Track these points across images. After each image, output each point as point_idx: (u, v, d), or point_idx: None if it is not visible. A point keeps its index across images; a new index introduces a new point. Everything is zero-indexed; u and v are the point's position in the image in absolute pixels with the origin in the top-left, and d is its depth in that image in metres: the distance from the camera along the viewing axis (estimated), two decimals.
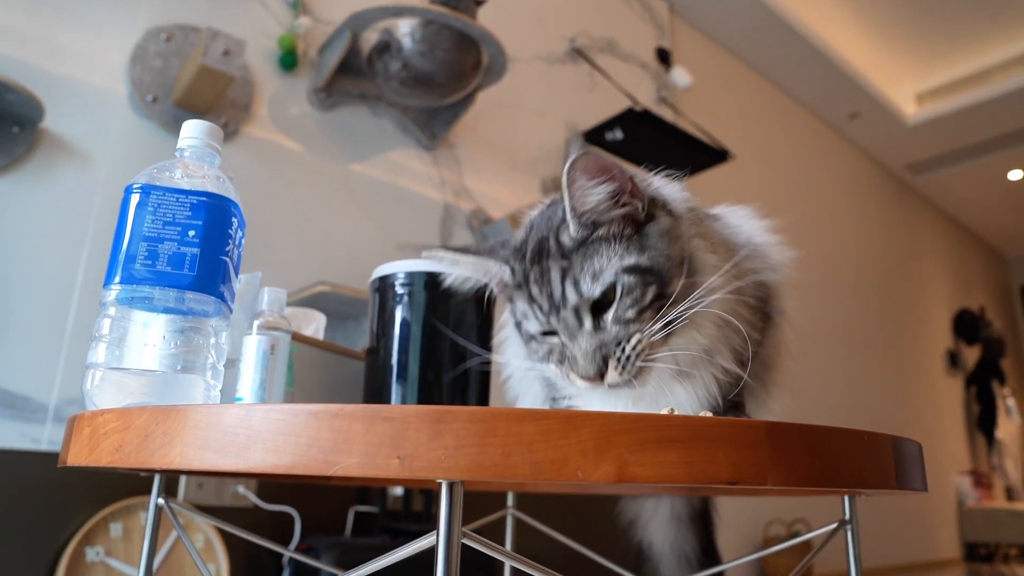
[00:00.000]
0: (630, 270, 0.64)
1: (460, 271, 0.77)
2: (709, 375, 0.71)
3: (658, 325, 0.64)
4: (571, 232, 0.67)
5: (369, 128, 2.40)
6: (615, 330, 0.64)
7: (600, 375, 0.64)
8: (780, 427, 0.51)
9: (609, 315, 0.64)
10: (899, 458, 0.61)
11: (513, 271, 0.72)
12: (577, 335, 0.65)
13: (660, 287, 0.64)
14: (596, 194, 0.66)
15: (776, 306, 0.81)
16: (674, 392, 0.71)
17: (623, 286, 0.64)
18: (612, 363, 0.64)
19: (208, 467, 0.50)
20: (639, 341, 0.64)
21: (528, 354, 0.73)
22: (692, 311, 0.64)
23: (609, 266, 0.64)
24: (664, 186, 0.75)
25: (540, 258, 0.69)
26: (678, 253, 0.66)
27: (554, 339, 0.68)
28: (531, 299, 0.68)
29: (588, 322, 0.65)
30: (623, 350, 0.64)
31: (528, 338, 0.71)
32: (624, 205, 0.67)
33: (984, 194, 5.93)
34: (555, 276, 0.66)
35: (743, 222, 0.84)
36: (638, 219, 0.68)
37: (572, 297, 0.65)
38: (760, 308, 0.78)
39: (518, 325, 0.72)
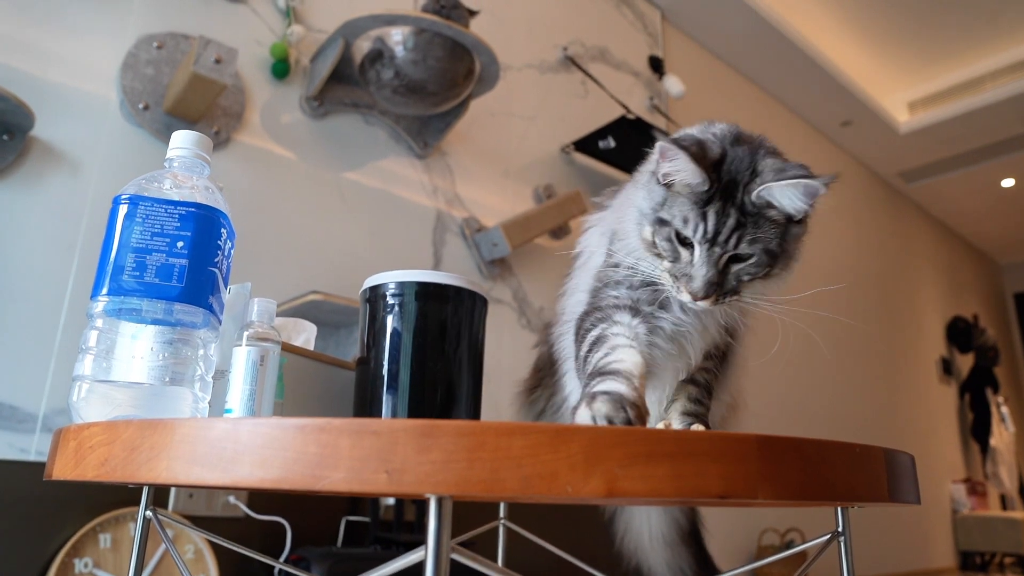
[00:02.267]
0: (768, 252, 0.81)
1: (676, 166, 0.82)
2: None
3: (748, 295, 0.84)
4: (757, 199, 0.80)
5: (361, 136, 2.40)
6: (731, 282, 0.81)
7: (702, 298, 0.80)
8: (771, 440, 0.51)
9: (735, 269, 0.81)
10: (891, 471, 0.60)
11: (703, 188, 0.81)
12: (709, 266, 0.80)
13: (771, 269, 0.82)
14: (796, 203, 0.81)
15: None
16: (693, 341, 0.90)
17: (757, 259, 0.81)
18: (712, 298, 0.80)
19: (195, 482, 0.50)
20: (734, 296, 0.82)
21: (649, 239, 0.84)
22: (761, 307, 0.87)
23: (761, 241, 0.80)
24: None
25: (728, 198, 0.80)
26: (794, 251, 0.85)
27: (686, 251, 0.81)
28: (703, 217, 0.80)
29: (723, 264, 0.80)
30: (725, 294, 0.81)
31: (667, 234, 0.82)
32: (806, 212, 0.83)
33: (977, 202, 5.96)
34: (731, 223, 0.79)
35: None
36: (794, 216, 0.83)
37: (730, 244, 0.79)
38: None
39: (661, 219, 0.82)
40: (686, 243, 0.81)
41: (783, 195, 0.80)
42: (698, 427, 0.86)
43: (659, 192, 0.84)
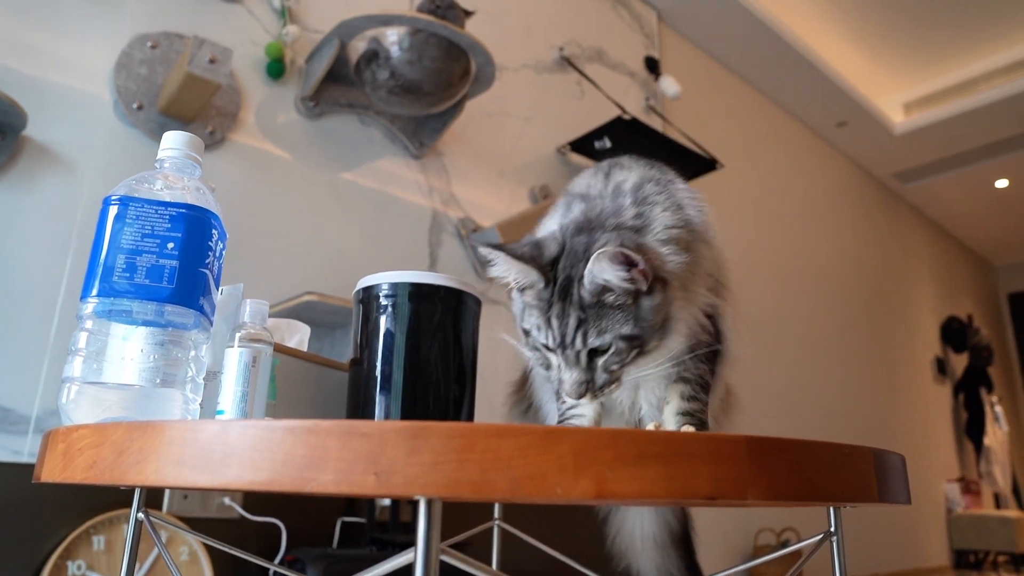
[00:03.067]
0: (624, 338, 0.79)
1: (505, 271, 0.84)
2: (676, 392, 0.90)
3: (632, 373, 0.82)
4: (587, 291, 0.79)
5: (357, 136, 2.39)
6: (601, 376, 0.80)
7: (577, 398, 0.81)
8: (760, 441, 0.51)
9: (600, 361, 0.80)
10: (881, 471, 0.60)
11: (543, 290, 0.82)
12: (573, 369, 0.80)
13: (641, 348, 0.80)
14: (615, 275, 0.77)
15: (722, 276, 0.94)
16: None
17: (616, 348, 0.79)
18: (589, 395, 0.80)
19: (184, 484, 0.50)
20: (615, 384, 0.81)
21: (524, 345, 0.86)
22: (656, 370, 0.83)
23: (611, 330, 0.78)
24: (669, 253, 0.84)
25: (565, 296, 0.81)
26: (661, 320, 0.81)
27: (552, 356, 0.82)
28: (548, 324, 0.81)
29: (584, 362, 0.80)
30: (601, 387, 0.80)
31: (532, 344, 0.84)
32: (633, 282, 0.78)
33: (971, 202, 5.97)
34: (571, 323, 0.79)
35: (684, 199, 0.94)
36: (641, 292, 0.80)
37: (579, 343, 0.79)
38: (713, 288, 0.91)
39: (525, 330, 0.84)
40: (549, 349, 0.81)
41: (601, 273, 0.77)
42: (688, 428, 0.86)
43: (519, 301, 0.85)
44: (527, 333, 0.83)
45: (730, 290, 0.94)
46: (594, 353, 0.79)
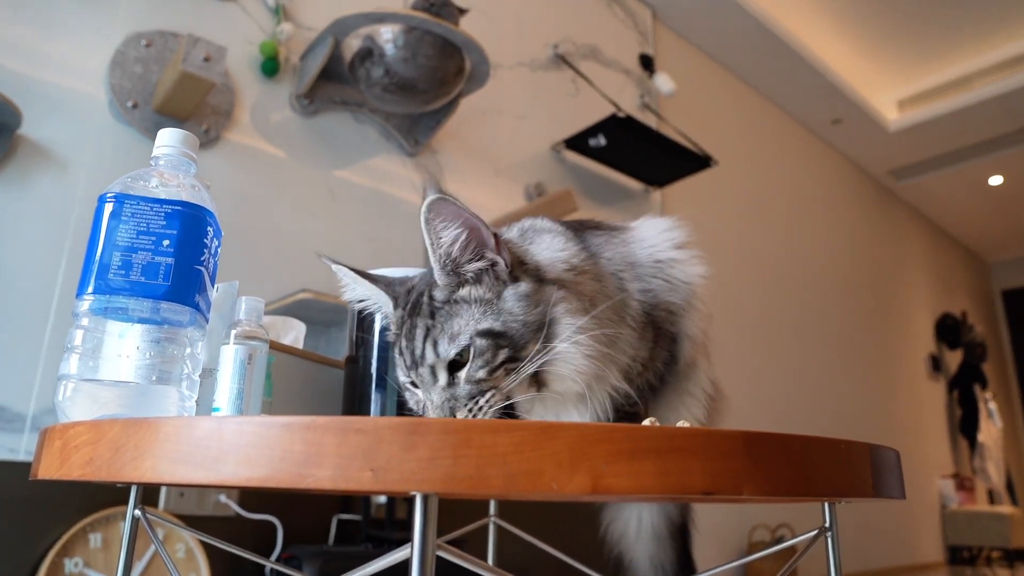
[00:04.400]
0: (483, 334, 0.68)
1: (356, 293, 0.79)
2: (604, 394, 0.77)
3: (512, 384, 0.68)
4: (439, 285, 0.71)
5: (352, 134, 2.39)
6: (467, 388, 0.68)
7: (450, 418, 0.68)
8: (756, 436, 0.51)
9: (462, 374, 0.68)
10: (876, 466, 0.61)
11: (393, 314, 0.76)
12: (431, 390, 0.70)
13: (513, 351, 0.68)
14: (451, 233, 0.69)
15: (679, 324, 0.83)
16: (569, 415, 0.77)
17: (475, 349, 0.68)
18: (460, 414, 0.68)
19: (180, 480, 0.50)
20: (492, 395, 0.68)
21: (407, 402, 0.77)
22: (542, 368, 0.69)
23: (465, 329, 0.68)
24: (543, 250, 0.77)
25: (413, 313, 0.73)
26: (536, 318, 0.69)
27: (420, 391, 0.73)
28: (400, 351, 0.73)
29: (443, 379, 0.69)
30: (476, 403, 0.68)
31: (402, 387, 0.75)
32: (482, 258, 0.71)
33: (965, 199, 5.99)
34: (419, 334, 0.70)
35: (654, 236, 0.86)
36: (501, 278, 0.71)
37: (430, 356, 0.69)
38: (651, 324, 0.81)
39: (397, 383, 0.76)
40: (415, 385, 0.73)
41: (435, 239, 0.69)
42: (684, 424, 0.86)
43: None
44: (395, 378, 0.75)
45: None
46: (455, 366, 0.69)
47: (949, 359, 6.12)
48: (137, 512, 0.79)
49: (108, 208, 0.69)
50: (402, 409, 0.87)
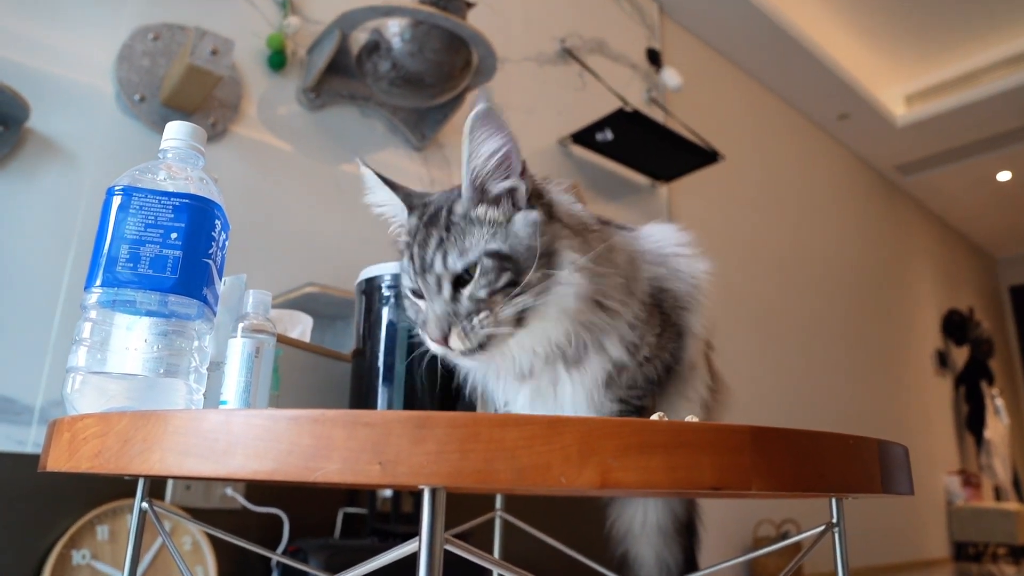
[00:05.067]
0: (491, 254, 0.70)
1: (377, 198, 0.81)
2: (599, 365, 0.76)
3: (508, 309, 0.70)
4: (462, 199, 0.73)
5: (358, 128, 2.39)
6: (467, 305, 0.70)
7: (444, 339, 0.70)
8: (765, 432, 0.51)
9: (466, 291, 0.70)
10: (885, 462, 0.61)
11: (409, 221, 0.78)
12: (435, 300, 0.71)
13: (514, 274, 0.69)
14: (491, 145, 0.71)
15: (684, 317, 0.84)
16: (562, 382, 0.77)
17: (481, 267, 0.69)
18: (456, 331, 0.70)
19: (188, 473, 0.50)
20: (486, 316, 0.69)
21: (407, 311, 0.78)
22: (536, 300, 0.70)
23: (475, 246, 0.70)
24: (561, 196, 0.79)
25: (430, 224, 0.74)
26: (540, 246, 0.71)
27: (422, 302, 0.74)
28: (411, 257, 0.74)
29: (447, 291, 0.71)
30: (470, 321, 0.69)
31: (404, 295, 0.77)
32: (508, 179, 0.72)
33: (973, 195, 5.96)
34: (432, 243, 0.72)
35: (659, 235, 0.87)
36: (518, 204, 0.73)
37: (438, 266, 0.71)
38: (657, 309, 0.81)
39: (402, 293, 0.78)
40: (417, 294, 0.75)
41: (473, 150, 0.71)
42: (691, 418, 0.86)
43: (402, 264, 0.79)
44: (402, 285, 0.77)
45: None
46: (460, 282, 0.71)
47: (956, 355, 6.11)
48: (144, 505, 0.79)
49: (116, 201, 0.69)
50: (410, 403, 0.87)
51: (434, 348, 0.72)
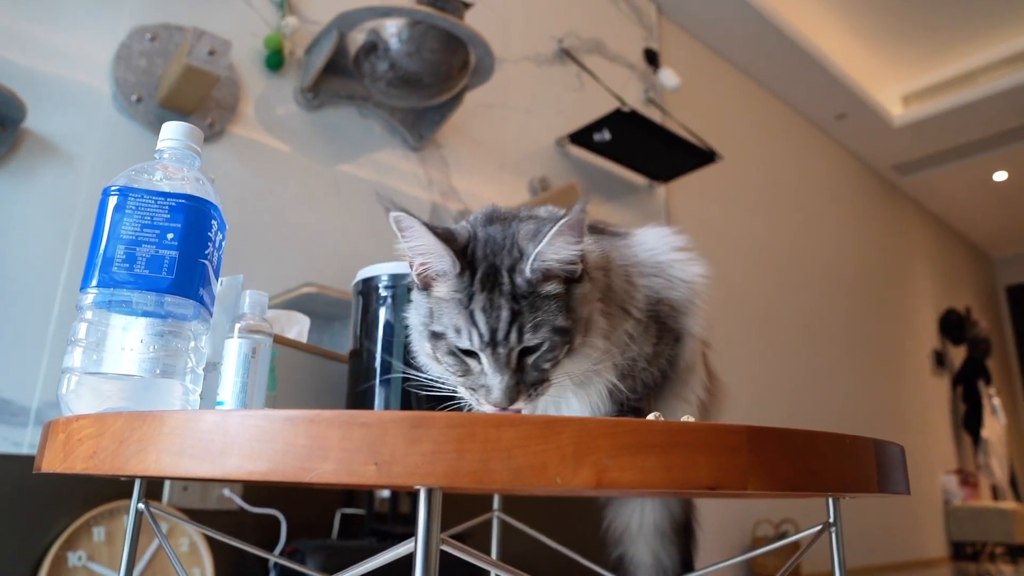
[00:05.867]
0: (558, 331, 0.71)
1: (418, 246, 0.74)
2: (602, 384, 0.81)
3: (559, 374, 0.74)
4: (527, 276, 0.71)
5: (356, 128, 2.39)
6: (533, 375, 0.72)
7: (508, 406, 0.71)
8: (761, 431, 0.51)
9: (530, 360, 0.71)
10: (881, 462, 0.61)
11: (458, 279, 0.73)
12: (503, 372, 0.70)
13: (570, 343, 0.73)
14: (570, 252, 0.71)
15: (681, 322, 0.86)
16: (569, 402, 0.82)
17: (550, 343, 0.71)
18: (522, 399, 0.71)
19: (184, 473, 0.50)
20: (546, 385, 0.73)
21: (432, 355, 0.76)
22: (581, 373, 0.76)
23: (547, 323, 0.71)
24: (587, 243, 0.79)
25: (492, 288, 0.71)
26: (586, 315, 0.74)
27: (473, 361, 0.72)
28: (472, 320, 0.71)
29: (515, 363, 0.71)
30: (535, 389, 0.72)
31: (446, 348, 0.73)
32: (574, 265, 0.73)
33: (970, 195, 5.97)
34: (505, 315, 0.70)
35: (654, 241, 0.89)
36: (574, 279, 0.74)
37: (513, 340, 0.70)
38: (655, 319, 0.83)
39: (436, 333, 0.74)
40: (470, 353, 0.72)
41: (554, 254, 0.70)
42: (688, 418, 0.86)
43: (423, 303, 0.76)
44: (438, 337, 0.73)
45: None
46: (526, 352, 0.71)
47: (953, 355, 6.11)
48: (141, 506, 0.79)
49: (112, 201, 0.68)
50: (406, 403, 0.86)
51: (488, 410, 0.72)
